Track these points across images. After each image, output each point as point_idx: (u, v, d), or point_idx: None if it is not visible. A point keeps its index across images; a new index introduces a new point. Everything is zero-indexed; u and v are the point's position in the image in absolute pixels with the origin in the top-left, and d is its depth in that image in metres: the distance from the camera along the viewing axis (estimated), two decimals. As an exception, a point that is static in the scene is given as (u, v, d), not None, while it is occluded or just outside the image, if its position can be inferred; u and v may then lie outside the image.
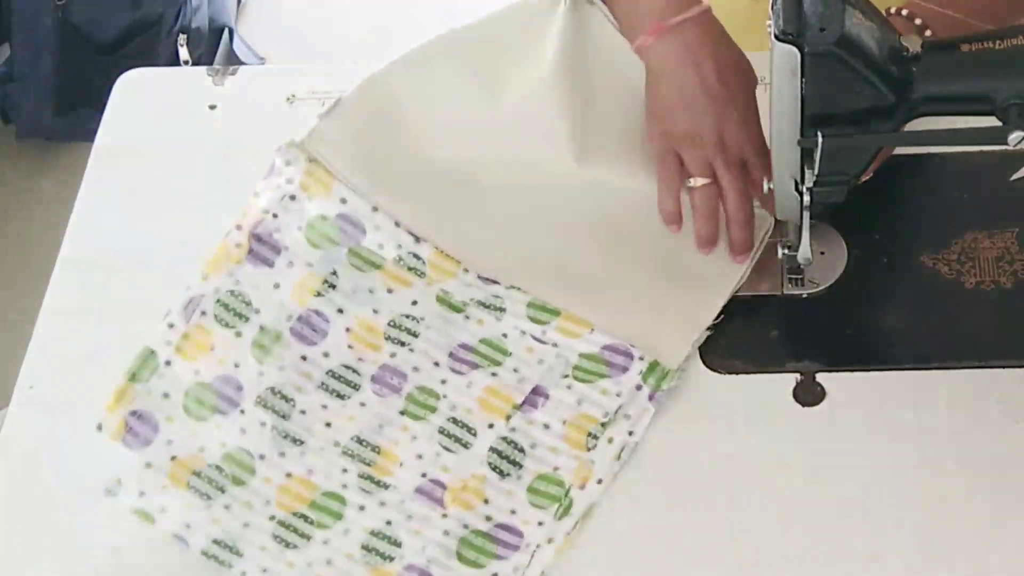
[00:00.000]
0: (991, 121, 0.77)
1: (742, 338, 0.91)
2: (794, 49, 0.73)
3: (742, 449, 0.86)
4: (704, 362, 0.90)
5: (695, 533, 0.83)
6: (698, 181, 0.91)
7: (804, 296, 0.93)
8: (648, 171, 0.95)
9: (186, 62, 2.08)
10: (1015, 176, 0.83)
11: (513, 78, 0.97)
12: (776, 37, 0.73)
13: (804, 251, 0.88)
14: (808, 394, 0.88)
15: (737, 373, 0.90)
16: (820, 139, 0.76)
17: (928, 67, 0.77)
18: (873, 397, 0.87)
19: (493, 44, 0.98)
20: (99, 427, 0.88)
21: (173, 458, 0.87)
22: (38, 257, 1.09)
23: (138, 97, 1.11)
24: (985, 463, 0.84)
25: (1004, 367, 0.87)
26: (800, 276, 0.93)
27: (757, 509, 0.84)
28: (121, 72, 1.12)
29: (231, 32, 2.22)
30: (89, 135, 1.08)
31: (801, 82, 0.75)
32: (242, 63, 2.18)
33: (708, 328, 0.90)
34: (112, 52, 2.10)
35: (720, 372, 0.90)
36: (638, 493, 0.85)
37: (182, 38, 2.09)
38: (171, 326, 0.91)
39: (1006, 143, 0.74)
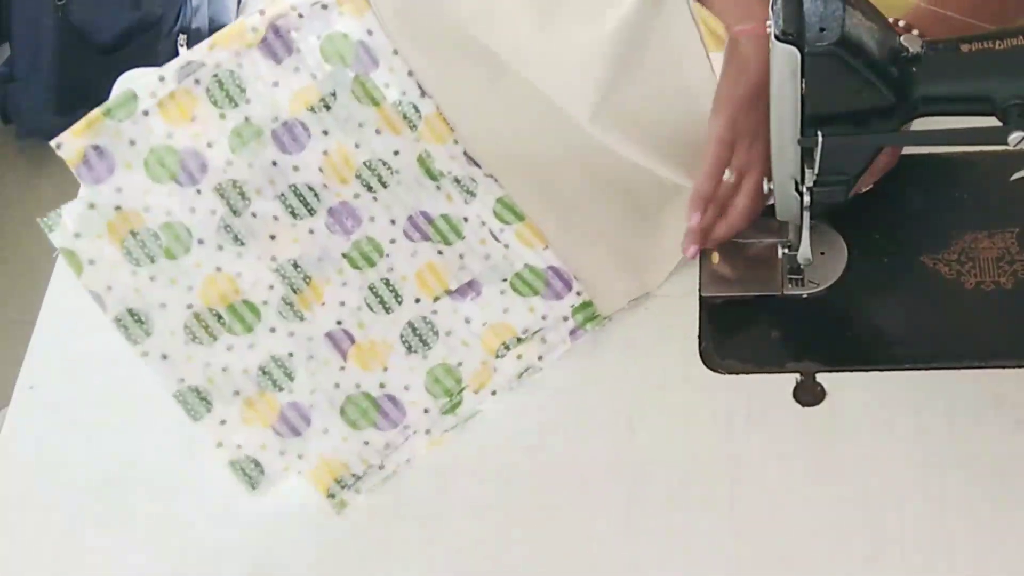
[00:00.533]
0: (991, 121, 0.77)
1: (742, 338, 0.91)
2: (794, 49, 0.73)
3: (742, 449, 0.86)
4: (704, 362, 0.90)
5: (695, 533, 0.83)
6: (731, 176, 0.91)
7: (804, 296, 0.93)
8: (654, 160, 0.95)
9: (186, 62, 2.08)
10: (1015, 176, 0.83)
11: (571, 21, 0.94)
12: (776, 37, 0.73)
13: (804, 251, 0.88)
14: (808, 394, 0.88)
15: (737, 373, 0.90)
16: (820, 138, 0.76)
17: (928, 67, 0.77)
18: (873, 397, 0.87)
19: None
20: (57, 146, 0.89)
21: (117, 208, 0.89)
22: (38, 257, 1.08)
23: (138, 97, 1.11)
24: (985, 463, 0.84)
25: (1004, 367, 0.87)
26: (800, 276, 0.93)
27: (757, 509, 0.84)
28: (121, 72, 1.12)
29: (231, 32, 2.22)
30: (89, 135, 1.08)
31: (801, 82, 0.75)
32: (242, 63, 2.17)
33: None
34: (112, 52, 2.10)
35: (720, 372, 0.90)
36: (638, 493, 0.85)
37: (182, 38, 2.09)
38: (162, 79, 0.91)
39: (1006, 143, 0.74)
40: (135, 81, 0.92)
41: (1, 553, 0.87)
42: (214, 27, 2.18)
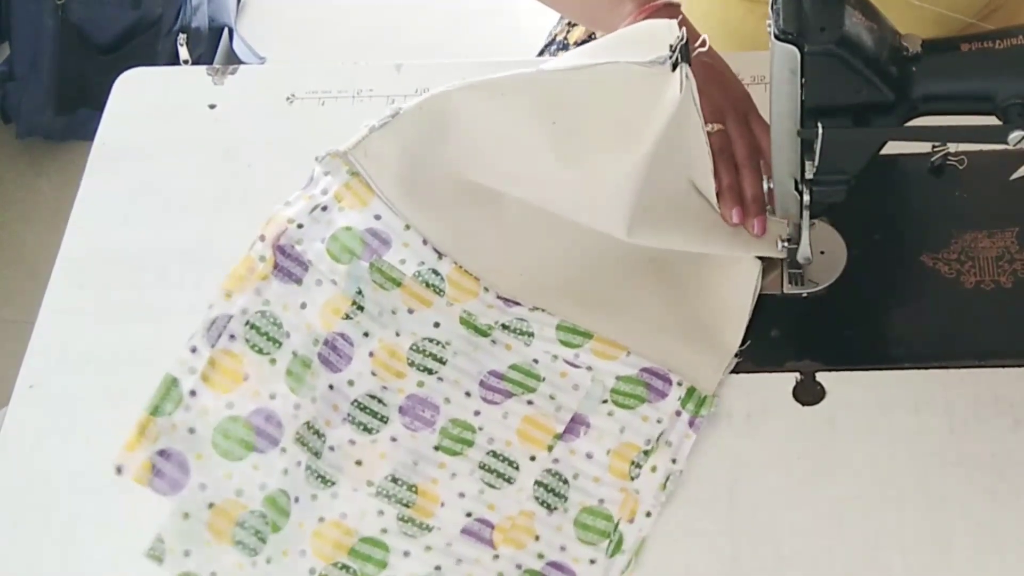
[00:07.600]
0: (991, 120, 0.77)
1: (742, 337, 0.91)
2: (794, 49, 0.73)
3: (742, 449, 0.86)
4: (704, 362, 0.90)
5: (695, 533, 0.83)
6: (714, 127, 0.91)
7: (804, 296, 0.93)
8: (688, 246, 0.91)
9: (186, 61, 2.08)
10: (1015, 176, 0.83)
11: (595, 145, 0.88)
12: (776, 36, 0.73)
13: (804, 250, 0.88)
14: (808, 394, 0.88)
15: (737, 373, 0.90)
16: (820, 130, 0.76)
17: (928, 67, 0.77)
18: (873, 397, 0.87)
19: (587, 105, 0.87)
20: (118, 470, 0.77)
21: (211, 505, 0.79)
22: (38, 257, 1.09)
23: (138, 96, 1.11)
24: (985, 463, 0.84)
25: (1004, 367, 0.87)
26: (800, 276, 0.93)
27: (757, 509, 0.84)
28: (121, 72, 1.13)
29: (231, 31, 2.23)
30: (89, 135, 1.09)
31: (801, 82, 0.75)
32: (242, 62, 2.18)
33: (736, 354, 0.90)
34: (112, 52, 2.10)
35: (720, 372, 0.90)
36: (638, 493, 0.85)
37: (182, 37, 2.10)
38: (194, 351, 0.81)
39: (1006, 142, 0.74)
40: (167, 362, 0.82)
41: (1, 553, 0.87)
42: (213, 26, 2.19)
